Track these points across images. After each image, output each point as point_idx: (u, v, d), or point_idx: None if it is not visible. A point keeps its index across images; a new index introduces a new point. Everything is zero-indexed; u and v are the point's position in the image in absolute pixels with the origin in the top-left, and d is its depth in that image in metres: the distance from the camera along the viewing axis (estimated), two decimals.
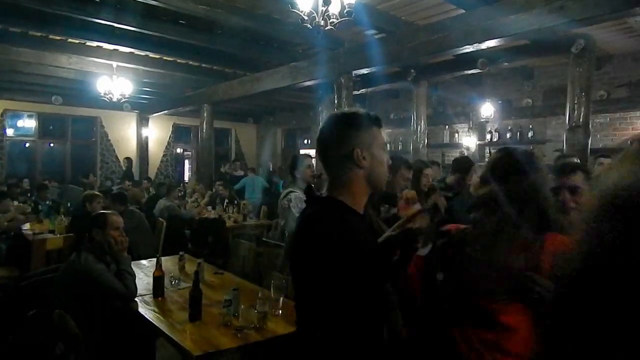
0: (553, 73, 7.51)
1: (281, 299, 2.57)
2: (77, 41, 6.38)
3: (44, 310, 2.02)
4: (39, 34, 6.03)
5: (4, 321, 2.66)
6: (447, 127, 9.21)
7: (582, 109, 5.17)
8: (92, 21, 5.22)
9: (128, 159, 10.92)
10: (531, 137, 7.91)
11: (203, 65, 7.71)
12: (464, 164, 3.38)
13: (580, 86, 5.17)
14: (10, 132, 10.33)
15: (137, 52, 6.86)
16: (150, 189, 8.23)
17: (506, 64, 6.17)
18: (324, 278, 1.15)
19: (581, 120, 5.19)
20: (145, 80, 8.28)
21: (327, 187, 1.30)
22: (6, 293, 3.59)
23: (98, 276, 2.52)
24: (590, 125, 5.28)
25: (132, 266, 2.83)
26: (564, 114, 5.56)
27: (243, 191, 8.48)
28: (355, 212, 1.25)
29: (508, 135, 8.32)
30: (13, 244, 4.84)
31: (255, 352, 2.21)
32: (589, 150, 5.28)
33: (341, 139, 1.25)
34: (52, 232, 4.98)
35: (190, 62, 7.57)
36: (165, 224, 5.42)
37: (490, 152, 8.71)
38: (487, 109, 7.93)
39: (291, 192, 3.45)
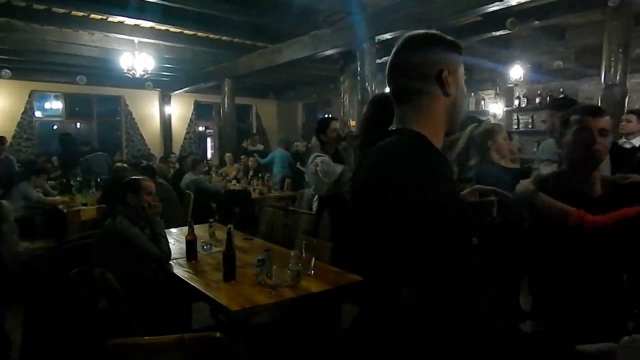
0: (586, 32, 7.12)
1: (313, 259, 2.58)
2: (99, 17, 6.39)
3: (85, 269, 2.08)
4: (62, 10, 6.05)
5: (49, 285, 2.76)
6: (472, 94, 8.95)
7: (620, 67, 4.91)
8: None
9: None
10: None
11: (223, 38, 7.64)
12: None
13: (618, 42, 4.89)
14: (38, 113, 10.57)
15: (157, 26, 6.85)
16: (176, 164, 8.36)
17: (537, 22, 5.88)
18: (416, 223, 0.88)
19: (618, 78, 4.94)
20: (166, 56, 8.28)
21: (397, 120, 1.07)
22: (48, 259, 3.73)
23: (134, 239, 2.58)
24: (627, 85, 5.03)
25: None
26: (598, 75, 5.30)
27: (271, 165, 8.39)
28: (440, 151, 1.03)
29: (537, 100, 8.02)
30: (49, 217, 5.01)
31: (290, 309, 2.23)
32: (625, 110, 5.04)
33: (425, 57, 1.04)
34: (84, 205, 5.11)
35: (210, 36, 7.51)
36: (192, 196, 5.50)
37: (518, 118, 8.45)
38: (516, 72, 7.65)
39: (318, 156, 3.43)
